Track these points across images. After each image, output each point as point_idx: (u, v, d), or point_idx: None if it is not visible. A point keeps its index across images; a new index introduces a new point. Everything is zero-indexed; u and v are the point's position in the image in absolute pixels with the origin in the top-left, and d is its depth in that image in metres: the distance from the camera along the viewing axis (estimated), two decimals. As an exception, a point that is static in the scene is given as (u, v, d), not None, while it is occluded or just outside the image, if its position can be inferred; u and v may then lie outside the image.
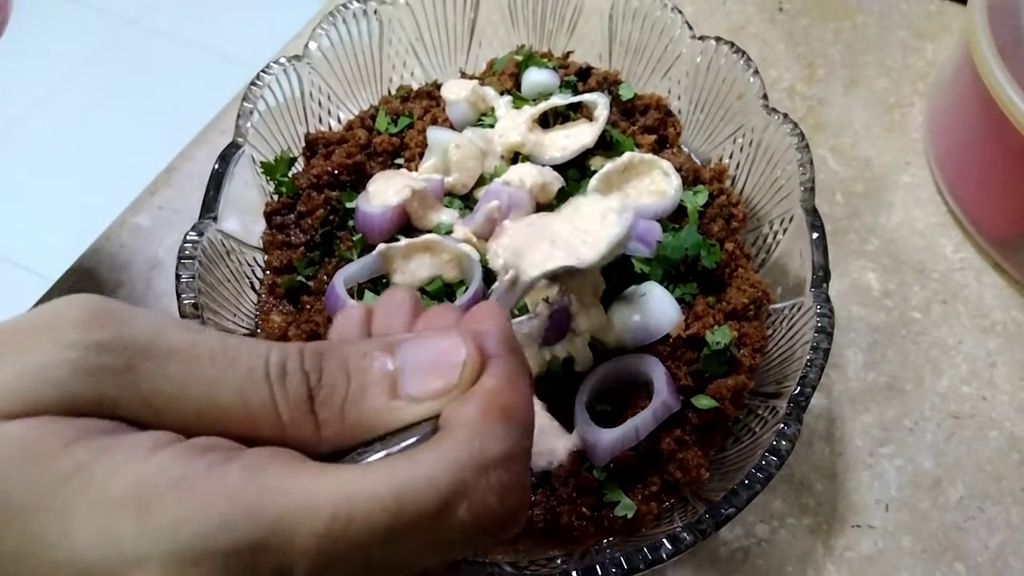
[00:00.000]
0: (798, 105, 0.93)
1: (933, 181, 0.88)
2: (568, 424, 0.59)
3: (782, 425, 0.56)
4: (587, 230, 0.57)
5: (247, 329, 0.65)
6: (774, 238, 0.70)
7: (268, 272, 0.68)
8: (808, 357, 0.58)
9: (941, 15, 1.02)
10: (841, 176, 0.88)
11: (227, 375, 0.27)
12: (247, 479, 0.24)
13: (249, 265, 0.68)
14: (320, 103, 0.77)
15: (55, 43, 2.39)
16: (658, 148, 0.75)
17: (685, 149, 0.78)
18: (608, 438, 0.57)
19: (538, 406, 0.59)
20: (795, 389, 0.58)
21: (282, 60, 0.73)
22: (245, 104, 0.70)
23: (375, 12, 0.78)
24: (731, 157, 0.75)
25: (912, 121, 0.92)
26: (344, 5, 0.77)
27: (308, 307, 0.64)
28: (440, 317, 0.33)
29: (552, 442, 0.57)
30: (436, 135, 0.70)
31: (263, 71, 0.72)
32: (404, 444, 0.28)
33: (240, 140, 0.68)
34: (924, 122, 0.92)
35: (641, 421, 0.58)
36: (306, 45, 0.75)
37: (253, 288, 0.68)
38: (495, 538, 0.27)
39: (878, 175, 0.88)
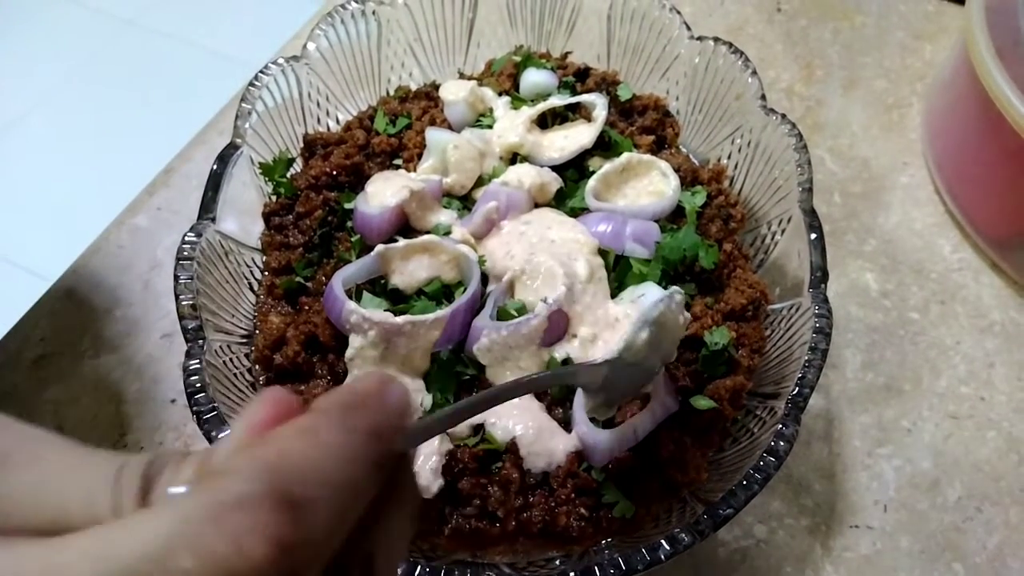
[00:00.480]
0: (796, 105, 0.93)
1: (931, 181, 0.88)
2: (566, 425, 0.59)
3: (780, 426, 0.56)
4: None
5: (246, 330, 0.65)
6: (772, 238, 0.70)
7: (266, 273, 0.68)
8: (806, 358, 0.58)
9: (939, 16, 1.02)
10: (839, 177, 0.88)
11: (78, 481, 0.28)
12: None
13: (247, 266, 0.68)
14: (318, 104, 0.77)
15: (52, 44, 2.39)
16: (656, 148, 0.75)
17: (683, 149, 0.78)
18: (607, 439, 0.57)
19: (536, 406, 0.59)
20: (793, 390, 0.58)
21: (280, 61, 0.73)
22: (243, 105, 0.70)
23: (373, 13, 0.78)
24: (729, 157, 0.75)
25: (910, 122, 0.93)
26: (342, 6, 0.77)
27: (306, 308, 0.64)
28: None
29: (550, 443, 0.57)
30: (435, 136, 0.70)
31: (261, 72, 0.72)
32: None
33: (238, 141, 0.68)
34: (922, 123, 0.92)
35: (640, 422, 0.58)
36: (304, 46, 0.75)
37: (251, 289, 0.68)
38: None
39: (876, 175, 0.88)
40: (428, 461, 0.56)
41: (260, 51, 1.02)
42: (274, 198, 0.71)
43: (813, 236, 0.64)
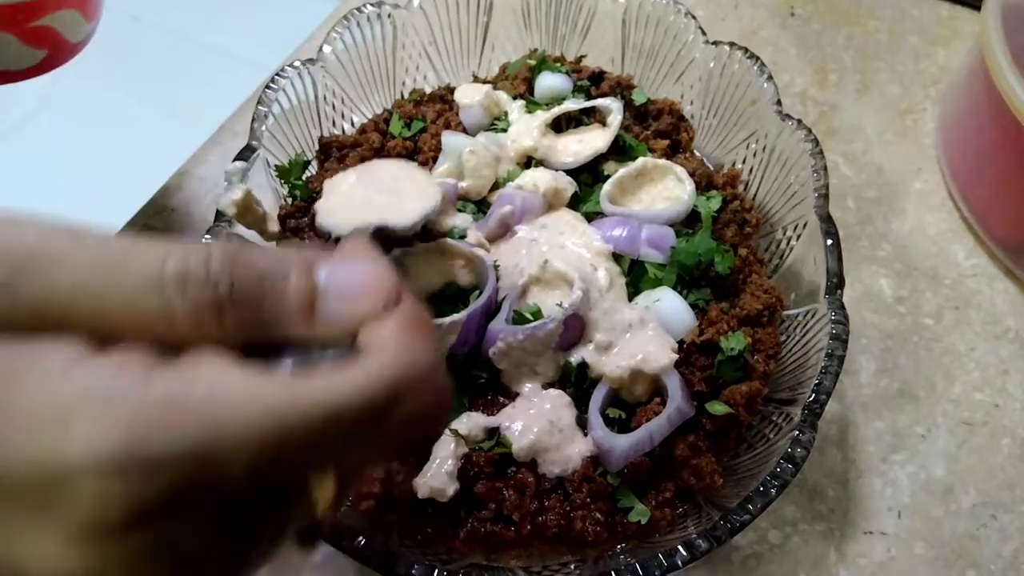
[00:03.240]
0: (810, 110, 0.93)
1: (945, 187, 0.87)
2: (582, 429, 0.59)
3: (797, 432, 0.56)
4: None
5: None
6: (787, 244, 0.70)
7: (282, 275, 0.68)
8: (823, 364, 0.58)
9: (953, 20, 1.01)
10: (853, 182, 0.88)
11: (117, 282, 0.26)
12: (174, 390, 0.24)
13: (263, 268, 0.68)
14: (334, 106, 0.77)
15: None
16: (671, 153, 0.75)
17: (697, 154, 0.78)
18: (622, 443, 0.57)
19: (563, 400, 0.59)
20: (810, 396, 0.58)
21: (296, 63, 0.73)
22: (260, 107, 0.70)
23: (389, 16, 0.78)
24: (744, 162, 0.75)
25: (924, 127, 0.92)
26: (358, 8, 0.77)
27: (322, 310, 0.64)
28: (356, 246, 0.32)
29: (567, 448, 0.57)
30: (450, 140, 0.71)
31: (278, 74, 0.72)
32: (325, 358, 0.28)
33: (255, 143, 0.68)
34: (936, 128, 0.91)
35: (655, 427, 0.58)
36: (320, 48, 0.75)
37: (267, 291, 0.68)
38: (421, 434, 0.31)
39: (890, 181, 0.88)
40: (444, 465, 0.56)
41: (272, 53, 1.01)
42: (290, 201, 0.71)
43: (829, 242, 0.64)
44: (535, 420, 0.58)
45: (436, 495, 0.55)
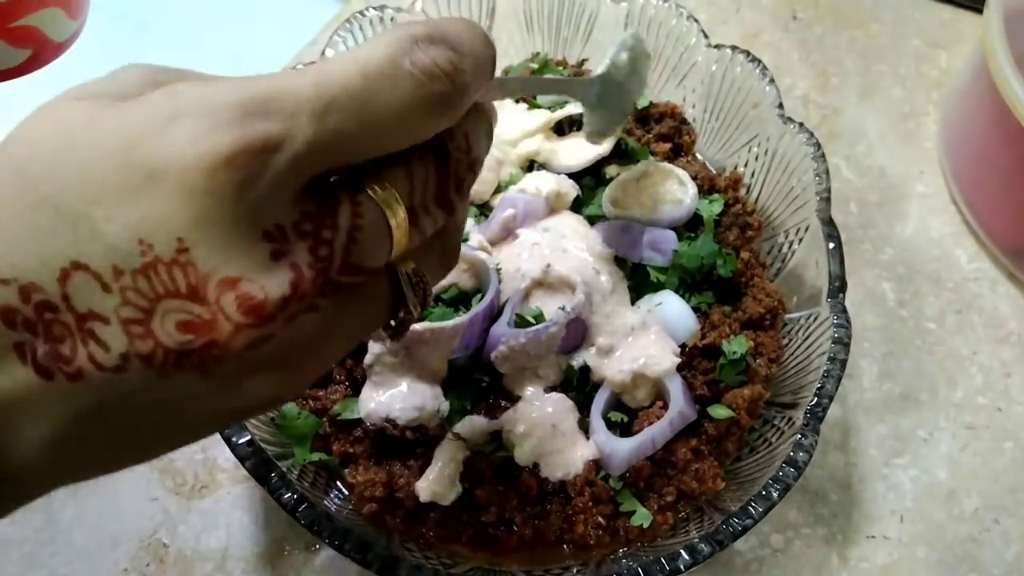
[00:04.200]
0: (812, 114, 0.93)
1: (948, 191, 0.87)
2: (584, 433, 0.59)
3: (799, 436, 0.56)
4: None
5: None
6: (790, 247, 0.70)
7: (284, 278, 0.68)
8: (825, 368, 0.58)
9: (956, 24, 1.01)
10: (855, 185, 0.87)
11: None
12: (245, 79, 0.31)
13: (265, 271, 0.68)
14: (336, 110, 0.77)
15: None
16: (672, 156, 0.75)
17: (700, 157, 0.78)
18: (624, 447, 0.57)
19: (566, 404, 0.59)
20: (812, 400, 0.58)
21: (300, 67, 0.73)
22: (262, 111, 0.70)
23: (391, 19, 0.78)
24: (746, 166, 0.75)
25: (926, 130, 0.92)
26: (360, 12, 0.77)
27: (324, 314, 0.64)
28: None
29: (569, 452, 0.57)
30: (452, 143, 0.70)
31: (280, 78, 0.72)
32: None
33: (257, 147, 0.68)
34: (938, 131, 0.91)
35: (657, 430, 0.58)
36: (322, 53, 0.75)
37: (269, 294, 0.68)
38: (440, 101, 0.33)
39: (892, 184, 0.88)
40: (446, 468, 0.56)
41: (275, 57, 1.02)
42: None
43: (831, 246, 0.64)
44: (537, 424, 0.58)
45: (438, 499, 0.55)
